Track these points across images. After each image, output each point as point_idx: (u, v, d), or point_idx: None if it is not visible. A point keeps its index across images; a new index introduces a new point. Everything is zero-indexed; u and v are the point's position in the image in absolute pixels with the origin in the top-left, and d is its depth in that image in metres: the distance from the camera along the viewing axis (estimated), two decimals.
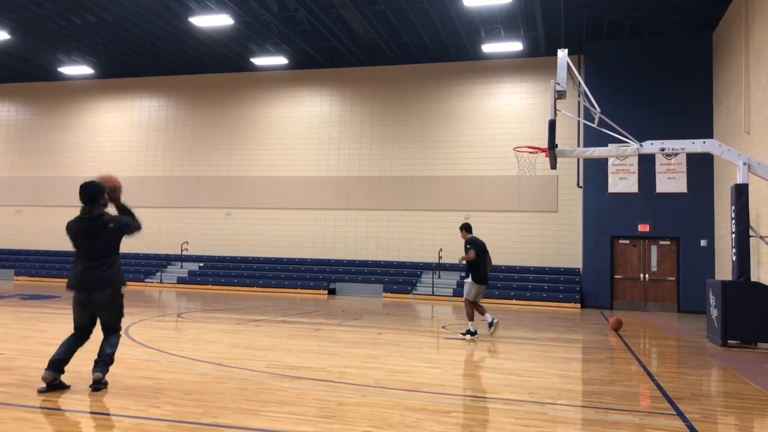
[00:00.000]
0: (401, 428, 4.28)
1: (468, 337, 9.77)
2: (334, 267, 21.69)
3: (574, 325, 13.05)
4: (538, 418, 4.75)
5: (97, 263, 5.41)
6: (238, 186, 23.44)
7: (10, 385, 5.27)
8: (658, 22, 18.27)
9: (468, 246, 9.96)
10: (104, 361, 5.33)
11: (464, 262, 10.00)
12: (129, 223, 5.58)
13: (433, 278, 20.51)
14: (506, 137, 20.68)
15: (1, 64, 24.29)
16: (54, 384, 5.13)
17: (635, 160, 18.82)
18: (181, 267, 23.27)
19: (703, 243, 18.33)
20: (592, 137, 17.25)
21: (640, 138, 11.92)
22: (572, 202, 20.20)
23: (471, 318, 9.99)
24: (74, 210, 5.46)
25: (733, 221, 10.43)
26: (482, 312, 10.14)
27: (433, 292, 20.01)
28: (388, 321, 12.52)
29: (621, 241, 19.19)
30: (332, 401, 5.04)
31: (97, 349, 5.41)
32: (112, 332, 5.53)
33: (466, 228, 10.34)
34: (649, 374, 6.99)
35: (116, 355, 6.93)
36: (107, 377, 5.44)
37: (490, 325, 10.02)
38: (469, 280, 9.97)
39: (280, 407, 4.77)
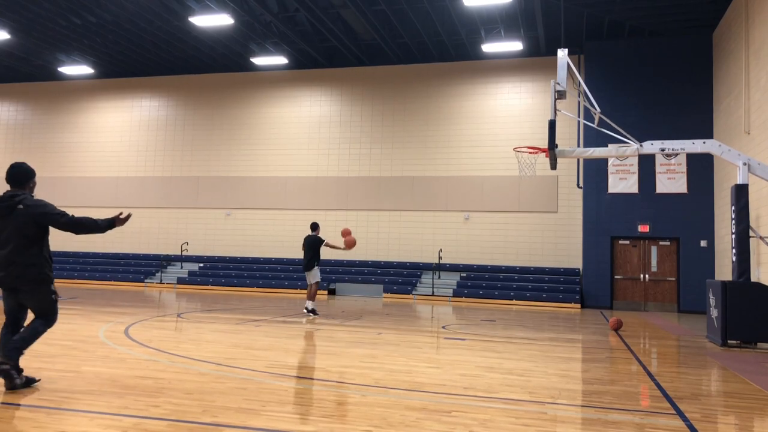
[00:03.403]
0: (401, 428, 4.28)
1: (311, 316, 12.46)
2: (334, 267, 21.67)
3: (574, 325, 13.05)
4: (538, 417, 4.75)
5: (13, 256, 4.94)
6: (238, 186, 23.44)
7: None
8: (658, 22, 18.28)
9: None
10: (14, 347, 4.95)
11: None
12: (49, 212, 4.99)
13: (433, 278, 20.51)
14: (506, 137, 20.69)
15: (1, 64, 24.30)
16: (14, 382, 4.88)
17: (635, 160, 18.83)
18: (181, 267, 23.27)
19: (703, 243, 18.33)
20: (592, 137, 17.25)
21: (640, 138, 11.93)
22: (572, 202, 20.20)
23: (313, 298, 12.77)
24: (74, 210, 5.44)
25: (733, 221, 10.43)
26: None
27: (433, 292, 20.00)
28: (388, 321, 12.52)
29: (621, 242, 19.19)
30: (332, 401, 5.04)
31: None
32: (43, 318, 5.13)
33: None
34: (649, 374, 6.99)
35: (116, 355, 6.96)
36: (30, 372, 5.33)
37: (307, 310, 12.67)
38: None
39: (280, 407, 4.78)
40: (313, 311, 12.68)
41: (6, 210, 5.04)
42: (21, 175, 5.17)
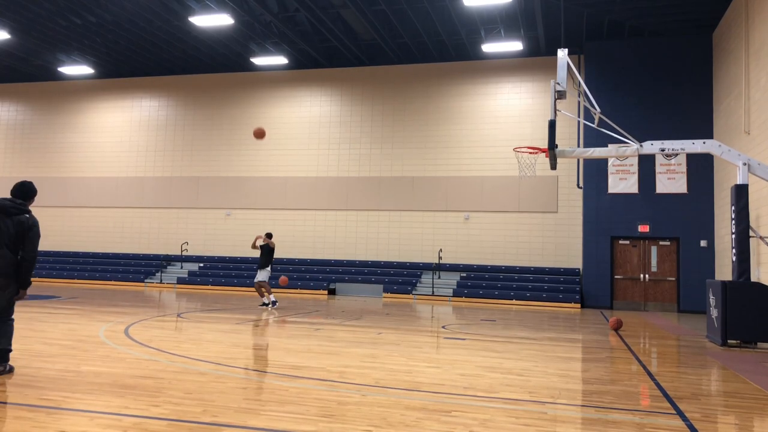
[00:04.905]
0: (401, 428, 4.28)
1: (270, 307, 14.42)
2: (334, 267, 21.68)
3: (574, 325, 13.05)
4: (538, 417, 4.75)
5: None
6: (238, 186, 23.44)
7: (10, 384, 5.27)
8: (658, 22, 18.28)
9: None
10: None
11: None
12: (34, 240, 5.65)
13: (433, 278, 20.51)
14: (506, 137, 20.69)
15: (1, 64, 24.30)
16: None
17: (635, 160, 18.83)
18: (181, 267, 23.26)
19: (703, 243, 18.33)
20: (592, 137, 17.25)
21: (640, 138, 11.93)
22: (572, 202, 20.20)
23: (262, 294, 14.75)
24: (74, 210, 5.55)
25: (733, 221, 10.43)
26: (268, 292, 14.71)
27: (433, 292, 20.01)
28: (388, 321, 12.52)
29: (621, 242, 19.19)
30: (332, 401, 5.04)
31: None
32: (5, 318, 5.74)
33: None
34: (649, 374, 6.99)
35: (116, 355, 6.97)
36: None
37: (266, 304, 14.66)
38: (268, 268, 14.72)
39: (280, 407, 4.78)
40: (263, 304, 14.73)
41: (14, 211, 5.65)
42: (31, 191, 5.91)
